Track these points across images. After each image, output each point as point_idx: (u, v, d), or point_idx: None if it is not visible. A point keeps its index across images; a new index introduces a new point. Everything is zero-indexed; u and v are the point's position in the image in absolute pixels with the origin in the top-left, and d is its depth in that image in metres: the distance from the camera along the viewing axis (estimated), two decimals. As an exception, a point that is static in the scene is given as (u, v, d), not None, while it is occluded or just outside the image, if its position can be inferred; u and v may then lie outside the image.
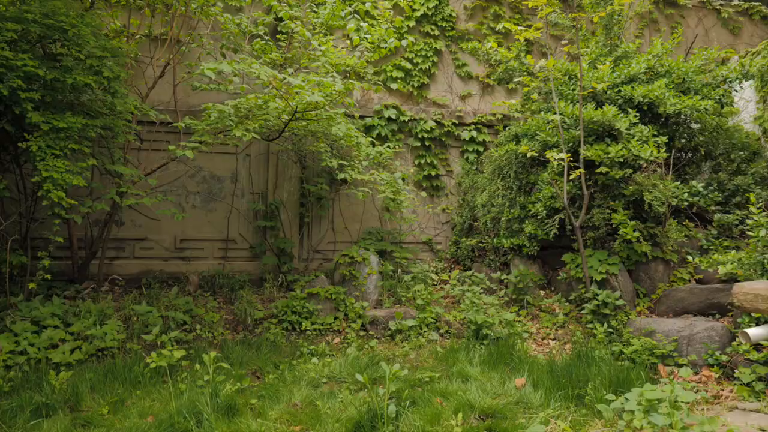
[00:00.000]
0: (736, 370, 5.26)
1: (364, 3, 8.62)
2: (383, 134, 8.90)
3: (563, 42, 8.43)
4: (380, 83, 9.04)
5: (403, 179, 8.03)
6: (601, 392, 4.85)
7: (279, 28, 7.91)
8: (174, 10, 7.12)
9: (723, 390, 5.11)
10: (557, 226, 7.10)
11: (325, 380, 5.43)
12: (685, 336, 5.75)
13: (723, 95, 7.53)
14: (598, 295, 6.50)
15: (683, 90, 7.39)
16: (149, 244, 7.78)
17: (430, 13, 9.46)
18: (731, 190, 7.50)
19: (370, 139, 7.83)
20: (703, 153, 7.67)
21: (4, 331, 5.53)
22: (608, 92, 7.28)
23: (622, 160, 6.57)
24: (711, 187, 7.52)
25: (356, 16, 7.50)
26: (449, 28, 9.59)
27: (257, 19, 7.80)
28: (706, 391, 5.05)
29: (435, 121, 9.21)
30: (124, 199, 6.38)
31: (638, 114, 6.99)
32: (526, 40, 9.72)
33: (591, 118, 6.77)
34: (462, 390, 5.07)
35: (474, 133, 9.32)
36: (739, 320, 5.68)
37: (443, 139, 9.27)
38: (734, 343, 5.51)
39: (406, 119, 9.02)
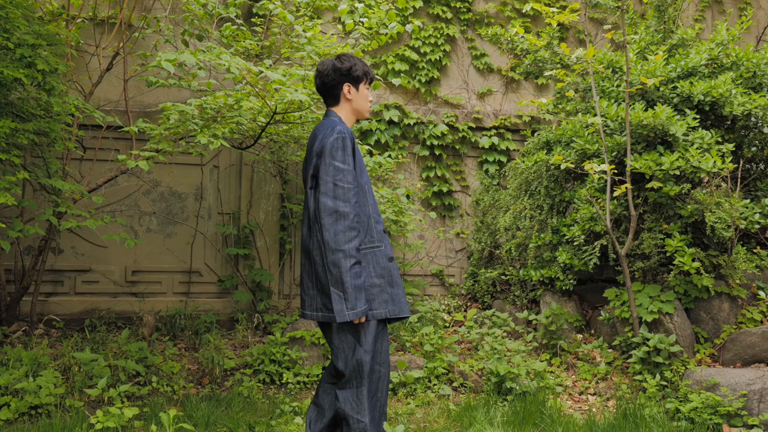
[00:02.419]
0: (819, 433, 5.31)
1: (359, -21, 8.73)
2: (383, 141, 8.97)
3: (606, 27, 8.53)
4: (379, 78, 9.13)
5: (408, 196, 8.09)
6: (651, 460, 4.90)
7: (254, 10, 8.00)
8: (126, -11, 7.20)
9: (803, 457, 5.15)
10: (598, 254, 7.16)
11: (311, 445, 5.47)
12: (756, 390, 5.79)
13: (803, 92, 7.60)
14: (648, 339, 6.54)
15: (754, 86, 7.46)
16: (94, 276, 7.85)
17: (440, -8, 9.58)
18: (813, 209, 7.55)
19: (367, 146, 7.91)
20: (778, 164, 7.74)
21: None
22: (661, 89, 7.35)
23: (678, 172, 6.62)
24: (788, 206, 7.57)
25: (350, -5, 7.59)
26: (465, 10, 9.70)
27: (228, -1, 7.89)
28: (783, 459, 5.09)
29: (447, 124, 9.30)
30: (62, 221, 6.43)
31: (698, 116, 7.05)
32: (559, 24, 9.83)
33: (640, 121, 6.83)
34: (480, 457, 5.11)
35: (495, 140, 9.40)
36: (823, 371, 5.73)
37: (457, 146, 9.35)
38: (817, 398, 5.55)
39: (412, 122, 9.11)
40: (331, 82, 4.35)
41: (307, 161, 4.24)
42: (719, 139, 6.99)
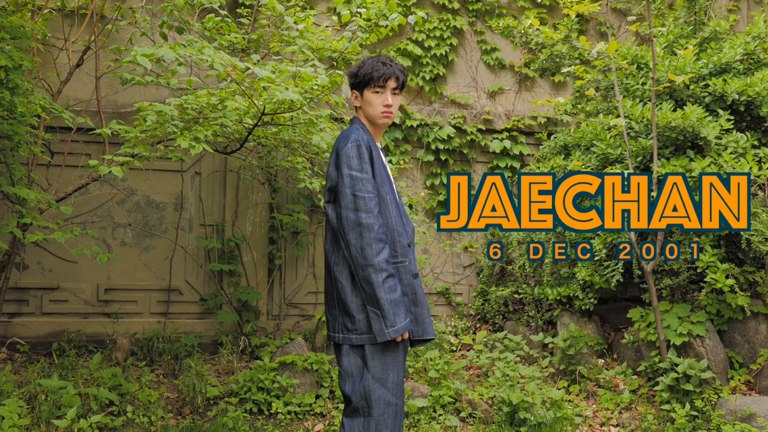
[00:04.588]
0: None
1: (357, -34, 8.76)
2: (383, 145, 8.98)
3: (630, 18, 8.57)
4: (379, 75, 9.13)
5: (411, 206, 8.10)
6: (680, 497, 4.92)
7: (240, 1, 8.04)
8: (98, -24, 7.23)
9: None
10: (621, 270, 7.17)
11: (303, 482, 5.48)
12: (796, 421, 5.82)
13: None
14: (677, 364, 6.56)
15: (793, 84, 7.50)
16: (63, 295, 7.87)
17: (447, -20, 9.61)
18: None
19: (366, 151, 7.91)
20: (821, 170, 7.76)
21: None
22: (691, 87, 7.39)
23: (709, 179, 6.65)
24: (833, 217, 7.59)
25: (346, -17, 7.62)
26: (474, 0, 9.72)
27: (211, -12, 7.92)
28: (825, 497, 5.12)
29: (454, 126, 9.33)
30: (27, 233, 6.44)
31: (732, 117, 7.08)
32: (578, 15, 9.85)
33: (667, 123, 6.86)
34: (490, 495, 5.13)
35: (507, 143, 9.42)
36: None
37: (465, 151, 9.38)
38: None
39: (415, 124, 9.15)
40: (351, 87, 4.47)
41: (328, 173, 4.34)
42: (756, 143, 7.03)
